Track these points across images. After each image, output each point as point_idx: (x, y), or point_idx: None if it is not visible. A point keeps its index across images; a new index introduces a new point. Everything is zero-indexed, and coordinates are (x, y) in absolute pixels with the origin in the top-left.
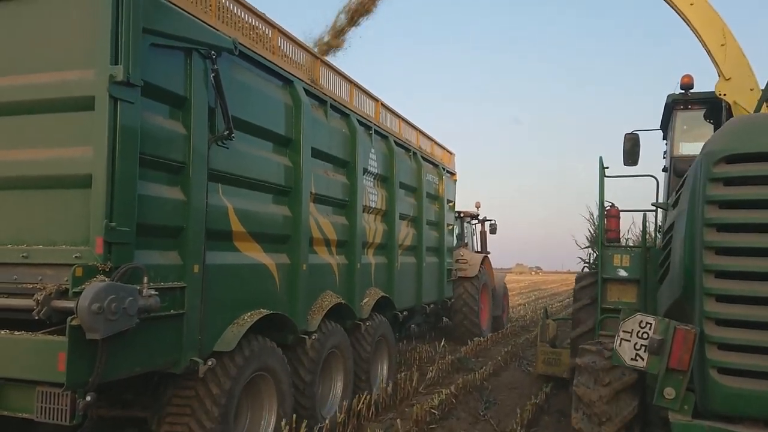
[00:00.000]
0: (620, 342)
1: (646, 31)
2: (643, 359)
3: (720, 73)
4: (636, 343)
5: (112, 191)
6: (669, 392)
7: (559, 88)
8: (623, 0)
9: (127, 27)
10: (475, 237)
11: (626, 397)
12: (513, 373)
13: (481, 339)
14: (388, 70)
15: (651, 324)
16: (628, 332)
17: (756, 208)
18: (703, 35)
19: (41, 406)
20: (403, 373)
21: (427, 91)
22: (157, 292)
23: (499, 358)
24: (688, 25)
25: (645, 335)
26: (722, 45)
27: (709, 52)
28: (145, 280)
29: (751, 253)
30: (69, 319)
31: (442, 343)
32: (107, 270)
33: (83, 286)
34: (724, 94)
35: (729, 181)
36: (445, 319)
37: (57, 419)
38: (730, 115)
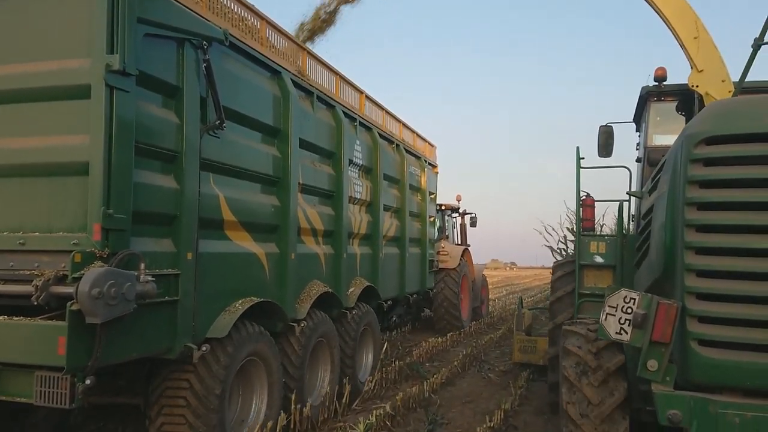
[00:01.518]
0: (606, 316)
1: (647, 31)
2: (627, 333)
3: (693, 65)
4: (621, 318)
5: (108, 179)
6: (652, 364)
7: (559, 90)
8: (620, 1)
9: (122, 16)
10: (455, 230)
11: (616, 380)
12: (471, 381)
13: (439, 339)
14: (383, 71)
15: (635, 299)
16: (614, 307)
17: (734, 187)
18: (676, 28)
19: (40, 391)
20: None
21: (419, 93)
22: (153, 278)
23: (456, 362)
24: (661, 18)
25: (629, 310)
26: (695, 38)
27: (682, 45)
28: (142, 266)
29: (730, 230)
30: (69, 304)
31: (385, 347)
32: (105, 256)
33: (82, 271)
34: (697, 86)
35: (709, 162)
36: (426, 310)
37: (57, 403)
38: (702, 106)
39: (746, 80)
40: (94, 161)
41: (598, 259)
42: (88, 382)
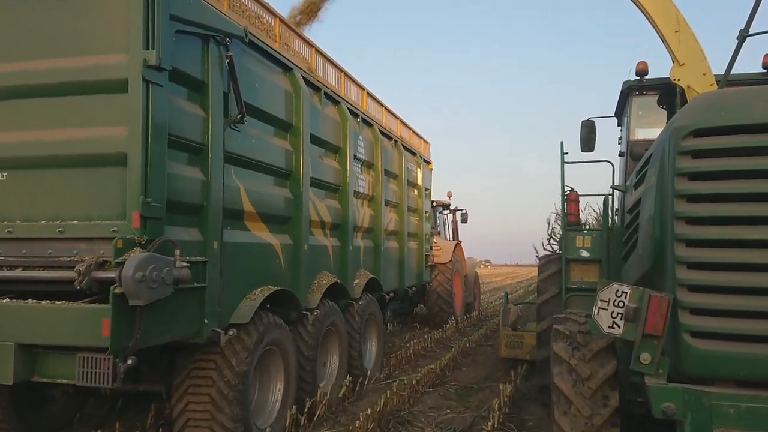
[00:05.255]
0: (598, 311)
1: (628, 25)
2: (619, 327)
3: (674, 59)
4: (613, 312)
5: (146, 169)
6: (645, 357)
7: (535, 86)
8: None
9: (157, 13)
10: (447, 226)
11: (605, 356)
12: None
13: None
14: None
15: (626, 293)
16: (606, 301)
17: (723, 179)
18: (657, 22)
19: (83, 371)
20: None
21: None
22: (188, 264)
23: (357, 424)
24: (643, 12)
25: (621, 304)
26: (676, 31)
27: (663, 39)
28: (177, 252)
29: (720, 222)
30: (112, 287)
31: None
32: (143, 243)
33: (124, 257)
34: (679, 79)
35: (697, 154)
36: (419, 305)
37: (99, 382)
38: (684, 99)
39: (731, 72)
40: (133, 152)
41: (584, 254)
42: (129, 362)
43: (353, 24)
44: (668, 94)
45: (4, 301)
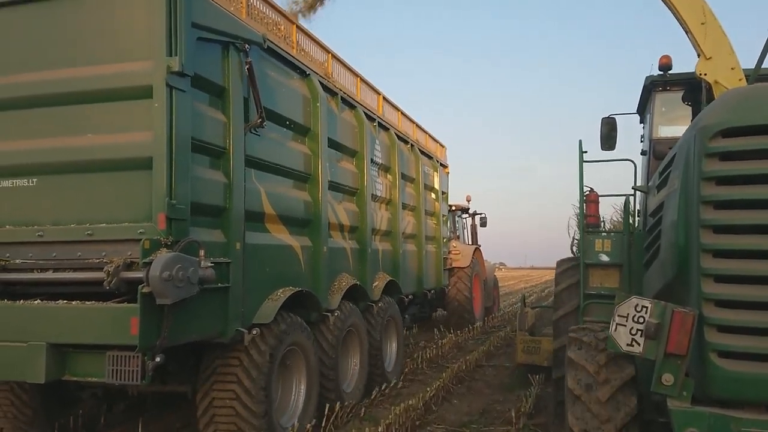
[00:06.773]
0: (616, 327)
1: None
2: (639, 345)
3: (700, 53)
4: (632, 328)
5: (171, 171)
6: (667, 378)
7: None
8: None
9: (179, 21)
10: (466, 230)
11: (626, 393)
12: None
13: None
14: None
15: (647, 307)
16: (624, 317)
17: (755, 183)
18: (683, 14)
19: (112, 369)
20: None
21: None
22: (212, 264)
23: None
24: (665, 3)
25: (641, 319)
26: (702, 24)
27: (688, 32)
28: (202, 253)
29: (751, 231)
30: (140, 287)
31: None
32: (169, 243)
33: (151, 257)
34: (705, 74)
35: (726, 156)
36: (439, 309)
37: (128, 380)
38: (709, 95)
39: (762, 66)
40: (158, 156)
41: (604, 258)
42: (158, 359)
43: (355, 25)
44: (693, 90)
45: (36, 302)
